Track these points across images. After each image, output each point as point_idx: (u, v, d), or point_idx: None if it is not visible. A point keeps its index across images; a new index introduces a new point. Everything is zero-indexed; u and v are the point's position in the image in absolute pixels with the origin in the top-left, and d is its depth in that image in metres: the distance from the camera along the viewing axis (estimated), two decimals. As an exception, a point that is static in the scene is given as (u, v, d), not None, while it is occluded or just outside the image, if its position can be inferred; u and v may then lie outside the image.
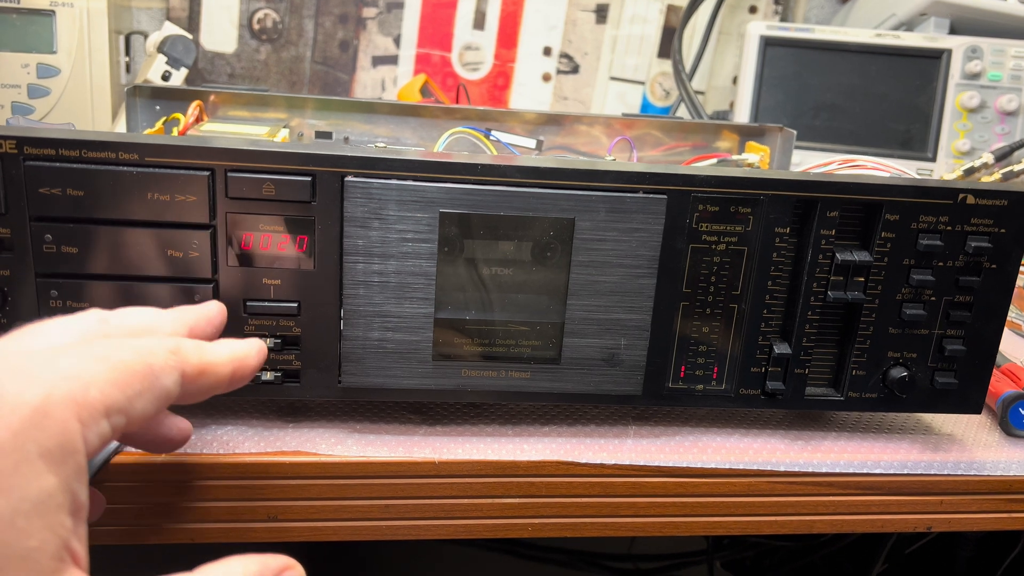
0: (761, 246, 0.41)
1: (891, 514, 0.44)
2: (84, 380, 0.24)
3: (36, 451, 0.22)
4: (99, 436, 0.24)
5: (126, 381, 0.25)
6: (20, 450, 0.21)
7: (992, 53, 0.90)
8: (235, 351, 0.30)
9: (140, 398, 0.25)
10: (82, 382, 0.24)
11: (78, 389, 0.23)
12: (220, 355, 0.30)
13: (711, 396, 0.43)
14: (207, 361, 0.29)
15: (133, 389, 0.25)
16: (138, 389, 0.25)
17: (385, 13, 0.99)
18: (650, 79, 1.05)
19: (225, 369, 0.30)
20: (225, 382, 0.30)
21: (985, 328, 0.43)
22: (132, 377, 0.25)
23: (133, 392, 0.25)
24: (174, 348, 0.27)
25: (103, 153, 0.36)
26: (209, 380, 0.29)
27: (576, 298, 0.40)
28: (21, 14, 0.75)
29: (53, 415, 0.22)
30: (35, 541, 0.21)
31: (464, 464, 0.41)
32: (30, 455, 0.22)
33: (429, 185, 0.38)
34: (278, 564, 0.27)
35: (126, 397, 0.25)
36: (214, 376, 0.29)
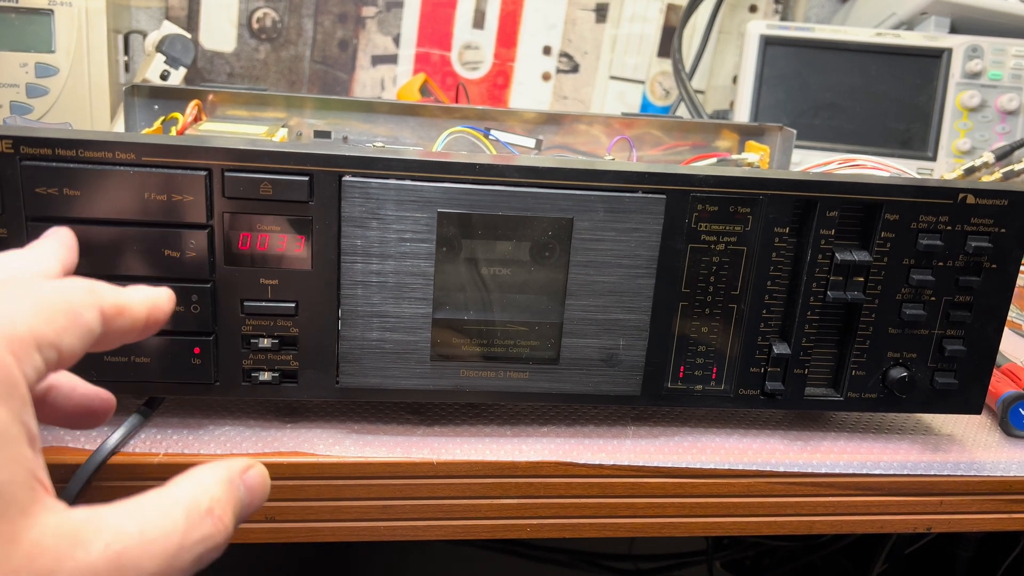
0: (760, 246, 0.41)
1: (891, 515, 0.44)
2: (10, 316, 0.24)
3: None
4: (34, 369, 0.24)
5: (50, 316, 0.25)
6: None
7: (993, 52, 0.90)
8: (148, 295, 0.31)
9: (66, 333, 0.25)
10: (8, 318, 0.24)
11: (5, 324, 0.24)
12: (135, 297, 0.30)
13: (710, 396, 0.43)
14: (123, 301, 0.29)
15: (58, 323, 0.25)
16: (63, 324, 0.25)
17: (384, 12, 0.98)
18: (650, 78, 1.05)
19: (140, 309, 0.30)
20: (141, 324, 0.30)
21: (985, 328, 0.43)
22: (55, 312, 0.25)
23: (59, 326, 0.25)
24: (90, 287, 0.28)
25: (100, 153, 0.36)
26: (127, 320, 0.29)
27: (575, 298, 0.40)
28: (20, 13, 0.75)
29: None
30: (4, 474, 0.22)
31: (462, 465, 0.41)
32: None
33: (427, 185, 0.38)
34: (241, 464, 0.29)
35: (53, 331, 0.25)
36: (131, 316, 0.29)
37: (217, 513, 0.26)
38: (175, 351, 0.39)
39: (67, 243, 0.36)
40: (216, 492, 0.26)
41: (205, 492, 0.26)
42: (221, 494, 0.27)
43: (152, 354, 0.39)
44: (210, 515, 0.26)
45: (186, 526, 0.25)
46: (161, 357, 0.39)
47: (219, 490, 0.27)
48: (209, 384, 0.40)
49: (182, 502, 0.25)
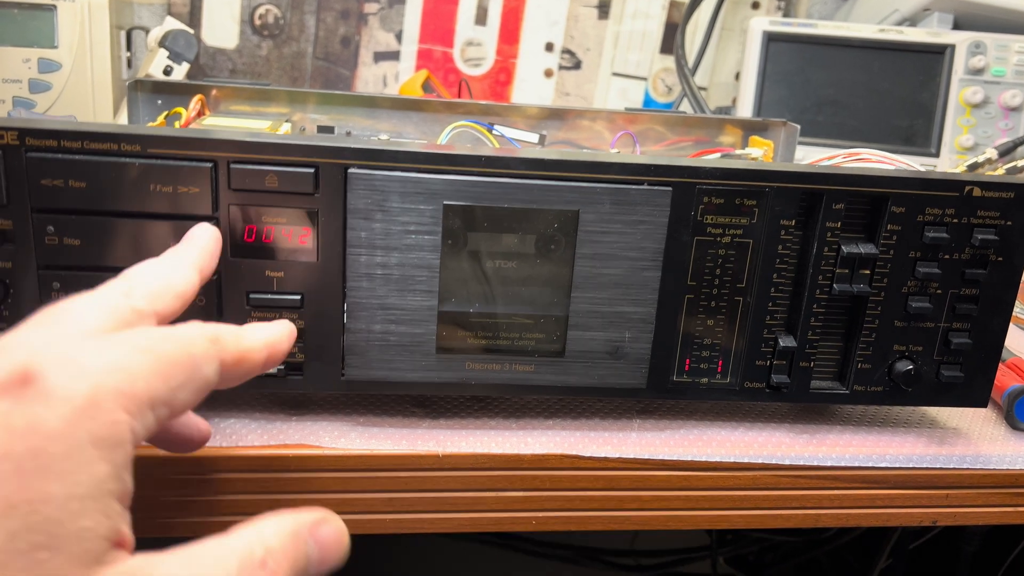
0: (766, 239, 0.41)
1: (896, 508, 0.44)
2: (131, 373, 0.24)
3: (88, 440, 0.23)
4: (144, 427, 0.24)
5: (169, 372, 0.25)
6: (73, 438, 0.22)
7: (996, 48, 0.90)
8: (269, 336, 0.31)
9: (183, 389, 0.26)
10: (129, 375, 0.24)
11: (125, 382, 0.24)
12: (256, 341, 0.30)
13: (716, 389, 0.43)
14: (244, 348, 0.29)
15: (176, 380, 0.26)
16: (181, 380, 0.26)
17: (387, 9, 0.98)
18: (652, 75, 1.05)
19: (260, 355, 0.30)
20: (259, 367, 0.30)
21: (991, 321, 0.43)
22: (175, 368, 0.26)
23: (176, 383, 0.26)
24: (214, 337, 0.28)
25: (105, 144, 0.36)
26: (246, 367, 0.30)
27: (580, 291, 0.40)
28: (22, 9, 0.75)
29: (103, 406, 0.23)
30: (89, 521, 0.22)
31: (468, 457, 0.41)
32: (82, 443, 0.22)
33: (433, 177, 0.38)
34: (312, 519, 0.28)
35: (169, 388, 0.25)
36: (250, 363, 0.30)
37: (271, 567, 0.25)
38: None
39: (209, 249, 0.35)
40: (274, 544, 0.26)
41: (261, 543, 0.26)
42: (279, 546, 0.26)
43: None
44: (263, 568, 0.25)
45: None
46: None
47: (278, 542, 0.26)
48: (214, 377, 0.40)
49: (237, 552, 0.25)
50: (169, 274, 0.32)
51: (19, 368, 0.23)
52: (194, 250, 0.35)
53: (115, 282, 0.30)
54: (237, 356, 0.29)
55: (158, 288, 0.31)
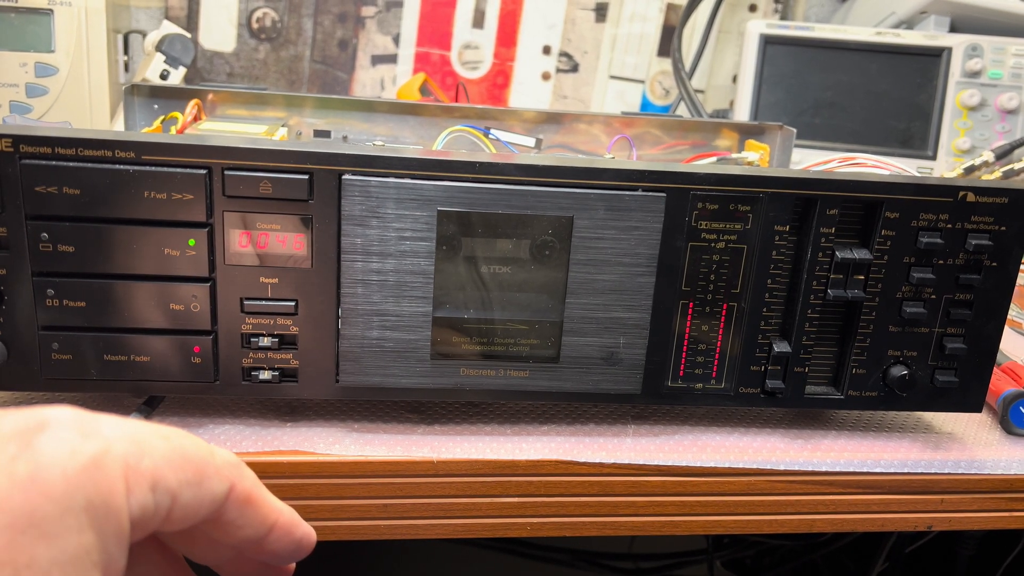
0: (761, 244, 0.41)
1: (891, 513, 0.44)
2: (143, 448, 0.24)
3: (83, 503, 0.22)
4: (141, 507, 0.24)
5: (180, 464, 0.25)
6: (69, 498, 0.22)
7: (992, 51, 0.90)
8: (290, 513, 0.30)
9: (189, 488, 0.25)
10: (140, 448, 0.24)
11: (133, 454, 0.24)
12: (275, 503, 0.29)
13: (710, 395, 0.43)
14: (260, 494, 0.28)
15: (185, 475, 0.25)
16: (189, 478, 0.25)
17: (384, 12, 0.98)
18: (650, 78, 1.05)
19: (272, 513, 0.29)
20: (266, 526, 0.28)
21: (986, 326, 0.43)
22: (187, 463, 0.25)
23: (184, 478, 0.25)
24: (235, 462, 0.27)
25: (100, 151, 0.36)
26: (254, 514, 0.28)
27: (575, 297, 0.40)
28: (19, 13, 0.75)
29: (105, 470, 0.23)
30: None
31: (463, 463, 0.41)
32: (77, 506, 0.22)
33: (427, 183, 0.38)
34: None
35: (176, 479, 0.25)
36: (260, 512, 0.28)
37: None
38: (175, 349, 0.39)
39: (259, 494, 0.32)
40: None
41: None
42: None
43: (152, 353, 0.39)
44: None
45: None
46: (161, 355, 0.39)
47: None
48: (209, 383, 0.40)
49: None
50: None
51: (38, 416, 0.23)
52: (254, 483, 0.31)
53: None
54: (248, 493, 0.28)
55: None
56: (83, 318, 0.38)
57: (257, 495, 0.28)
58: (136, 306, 0.38)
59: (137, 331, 0.39)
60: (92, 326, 0.38)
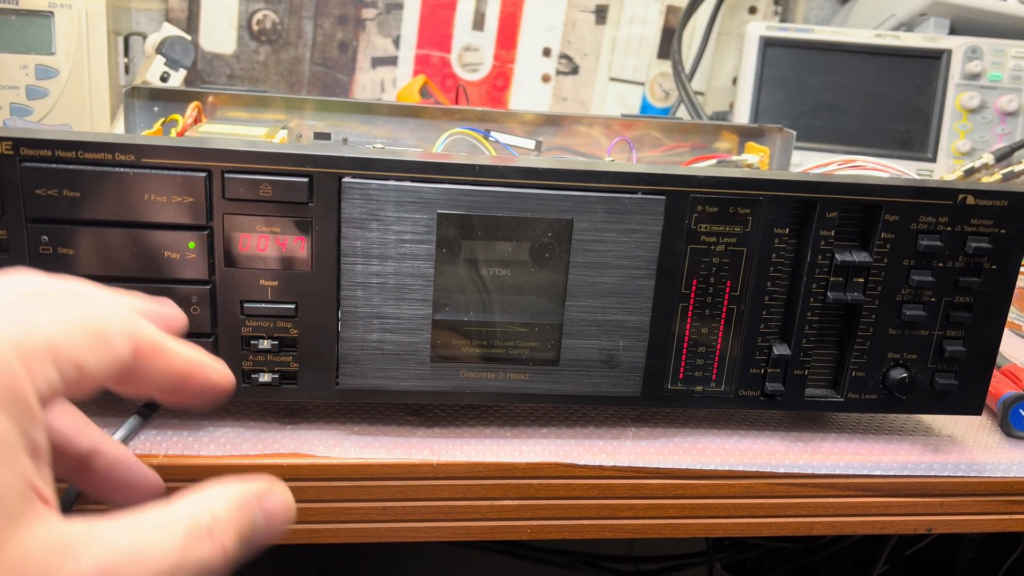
0: (760, 247, 0.41)
1: (891, 516, 0.44)
2: (33, 325, 0.23)
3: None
4: (47, 383, 0.23)
5: (76, 333, 0.24)
6: None
7: (992, 53, 0.90)
8: (196, 353, 0.29)
9: (91, 354, 0.25)
10: (30, 327, 0.23)
11: (24, 334, 0.23)
12: (179, 347, 0.28)
13: (710, 397, 0.43)
14: (163, 344, 0.28)
15: (83, 341, 0.24)
16: (88, 344, 0.24)
17: (384, 14, 0.99)
18: (649, 80, 1.05)
19: (180, 362, 0.28)
20: (176, 378, 0.28)
21: (985, 329, 0.43)
22: (83, 331, 0.24)
23: (84, 344, 0.24)
24: (131, 318, 0.27)
25: (100, 154, 0.36)
26: (162, 363, 0.28)
27: (575, 299, 0.40)
28: (20, 15, 0.75)
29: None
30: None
31: (462, 466, 0.41)
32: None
33: (427, 186, 0.38)
34: (259, 488, 0.27)
35: (75, 347, 0.24)
36: (167, 360, 0.28)
37: (218, 535, 0.24)
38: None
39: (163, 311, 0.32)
40: (220, 512, 0.25)
41: (208, 511, 0.25)
42: (226, 515, 0.25)
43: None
44: (210, 536, 0.24)
45: (183, 545, 0.23)
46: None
47: (224, 510, 0.25)
48: (209, 385, 0.40)
49: (183, 520, 0.24)
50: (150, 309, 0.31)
51: None
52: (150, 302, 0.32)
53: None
54: (153, 345, 0.27)
55: None
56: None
57: (161, 344, 0.27)
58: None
59: (137, 334, 0.39)
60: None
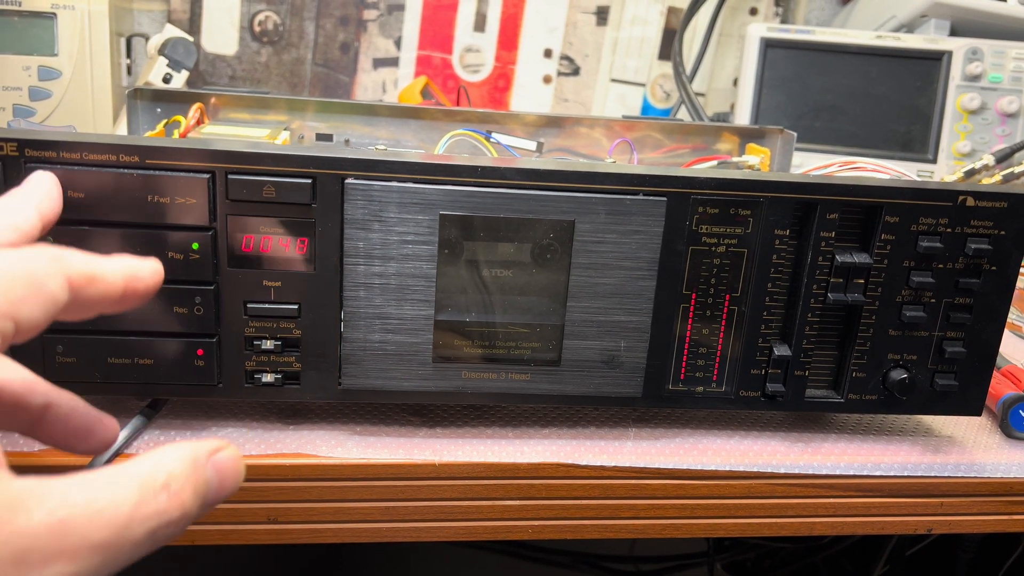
0: (761, 248, 0.41)
1: (891, 516, 0.44)
2: None
3: None
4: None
5: (8, 286, 0.25)
6: None
7: (992, 55, 0.90)
8: (126, 264, 0.30)
9: (25, 303, 0.25)
10: None
11: None
12: (109, 266, 0.29)
13: (711, 398, 0.43)
14: (95, 269, 0.28)
15: (16, 294, 0.25)
16: (22, 294, 0.25)
17: (386, 15, 0.99)
18: (651, 81, 1.05)
19: (115, 279, 0.29)
20: (117, 294, 0.29)
21: (985, 330, 0.43)
22: (14, 282, 0.25)
23: (16, 296, 0.25)
24: (56, 255, 0.27)
25: (104, 155, 0.36)
26: (100, 288, 0.28)
27: (576, 300, 0.40)
28: (22, 16, 0.75)
29: None
30: None
31: (464, 466, 0.41)
32: None
33: (429, 187, 0.38)
34: (210, 446, 0.27)
35: (8, 301, 0.25)
36: (104, 285, 0.28)
37: (174, 489, 0.25)
38: (178, 353, 0.39)
39: (47, 190, 0.35)
40: (175, 469, 0.25)
41: (162, 468, 0.25)
42: (180, 471, 0.25)
43: (155, 356, 0.39)
44: (166, 490, 0.24)
45: (139, 499, 0.24)
46: (164, 359, 0.39)
47: (179, 467, 0.26)
48: (212, 386, 0.40)
49: (137, 476, 0.24)
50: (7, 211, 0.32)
51: None
52: (33, 191, 0.34)
53: None
54: (86, 275, 0.28)
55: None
56: (87, 321, 0.38)
57: (92, 271, 0.28)
58: (140, 309, 0.38)
59: (141, 334, 0.39)
60: (96, 329, 0.38)
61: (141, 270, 0.30)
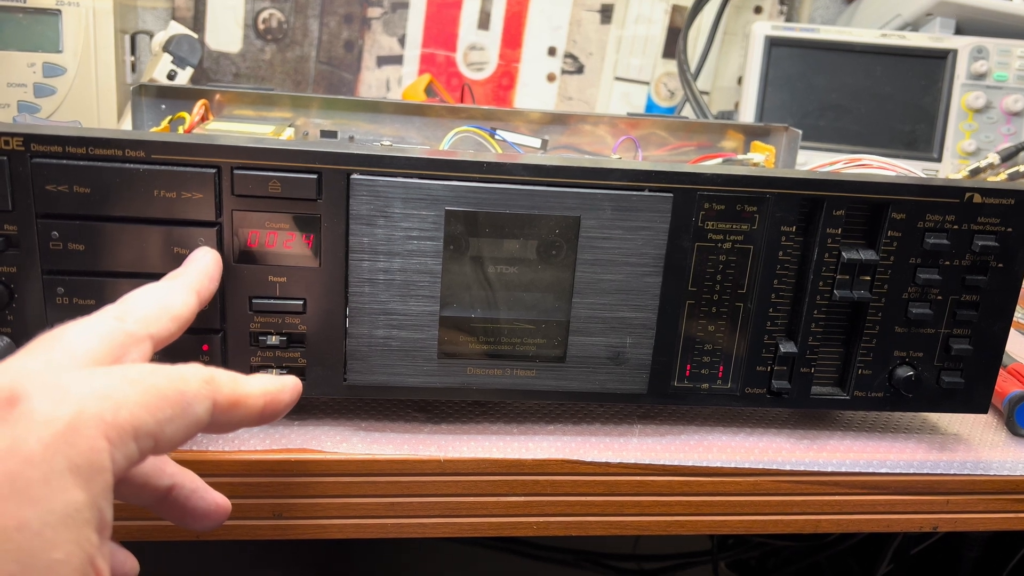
0: (767, 245, 0.41)
1: (897, 514, 0.44)
2: (115, 400, 0.24)
3: (65, 465, 0.22)
4: (126, 457, 0.24)
5: (157, 405, 0.25)
6: (50, 463, 0.22)
7: (998, 53, 0.90)
8: (268, 386, 0.30)
9: (171, 423, 0.26)
10: (113, 402, 0.24)
11: (108, 409, 0.24)
12: (254, 388, 0.30)
13: (716, 395, 0.43)
14: (240, 393, 0.29)
15: (164, 414, 0.25)
16: (169, 414, 0.25)
17: (390, 13, 0.99)
18: (655, 79, 1.05)
19: (257, 402, 0.30)
20: (256, 415, 0.30)
21: (992, 327, 0.43)
22: (163, 402, 0.25)
23: (164, 416, 0.25)
24: (208, 378, 0.28)
25: (110, 150, 0.36)
26: (241, 413, 0.29)
27: (581, 296, 0.40)
28: (27, 13, 0.75)
29: (83, 432, 0.23)
30: (61, 553, 0.22)
31: (469, 462, 0.41)
32: (59, 469, 0.22)
33: (435, 183, 0.38)
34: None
35: (156, 421, 0.25)
36: (246, 409, 0.29)
37: None
38: (184, 348, 0.39)
39: (209, 271, 0.36)
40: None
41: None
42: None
43: (160, 351, 0.39)
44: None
45: None
46: (169, 354, 0.39)
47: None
48: (217, 381, 0.40)
49: None
50: (165, 297, 0.32)
51: (6, 390, 0.23)
52: (193, 273, 0.35)
53: (111, 307, 0.30)
54: (232, 400, 0.28)
55: (154, 311, 0.31)
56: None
57: (237, 396, 0.29)
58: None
59: (146, 329, 0.39)
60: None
61: (283, 391, 0.31)
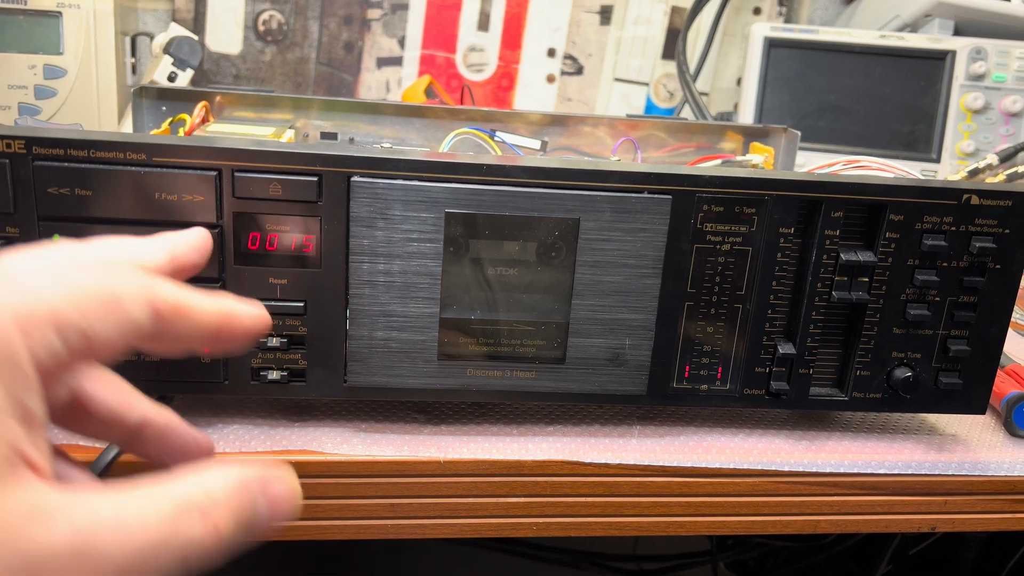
0: (765, 246, 0.41)
1: (895, 514, 0.44)
2: (31, 292, 0.23)
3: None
4: (47, 348, 0.23)
5: (81, 299, 0.24)
6: None
7: (996, 54, 0.90)
8: (225, 304, 0.28)
9: (100, 322, 0.24)
10: (29, 294, 0.23)
11: (22, 301, 0.23)
12: (203, 302, 0.27)
13: (715, 396, 0.43)
14: (185, 303, 0.27)
15: (89, 308, 0.24)
16: (95, 309, 0.24)
17: (390, 15, 0.99)
18: (654, 80, 1.05)
19: (209, 318, 0.27)
20: (209, 333, 0.27)
21: (989, 329, 0.43)
22: (90, 297, 0.24)
23: (90, 312, 0.24)
24: (145, 282, 0.26)
25: (111, 153, 0.37)
26: (188, 326, 0.27)
27: (581, 298, 0.41)
28: (28, 15, 0.76)
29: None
30: None
31: (469, 463, 0.41)
32: None
33: (434, 185, 0.38)
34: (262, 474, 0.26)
35: (81, 315, 0.24)
36: (193, 322, 0.27)
37: (212, 517, 0.23)
38: (185, 350, 0.39)
39: (192, 242, 0.33)
40: (218, 494, 0.24)
41: (205, 492, 0.24)
42: (224, 498, 0.24)
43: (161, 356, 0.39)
44: (204, 517, 0.23)
45: (172, 523, 0.22)
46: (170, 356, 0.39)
47: (223, 494, 0.24)
48: (218, 383, 0.40)
49: (174, 495, 0.23)
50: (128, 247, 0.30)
51: None
52: (173, 238, 0.33)
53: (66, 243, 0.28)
54: (174, 307, 0.26)
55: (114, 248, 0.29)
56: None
57: (180, 304, 0.26)
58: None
59: (147, 331, 0.39)
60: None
61: (239, 311, 0.29)
